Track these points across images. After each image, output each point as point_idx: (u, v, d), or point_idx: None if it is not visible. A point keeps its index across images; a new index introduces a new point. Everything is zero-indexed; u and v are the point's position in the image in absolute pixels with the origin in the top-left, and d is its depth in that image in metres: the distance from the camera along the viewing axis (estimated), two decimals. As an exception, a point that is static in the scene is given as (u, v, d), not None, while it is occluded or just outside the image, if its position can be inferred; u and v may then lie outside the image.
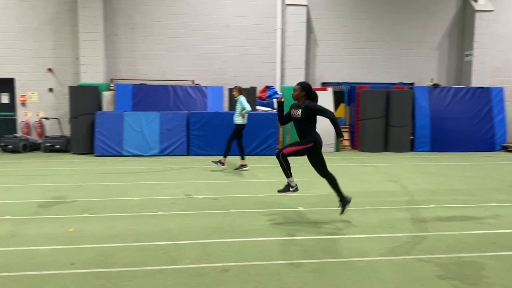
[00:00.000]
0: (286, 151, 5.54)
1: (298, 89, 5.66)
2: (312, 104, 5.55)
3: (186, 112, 12.33)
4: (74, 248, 4.71)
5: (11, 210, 6.27)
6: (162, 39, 13.68)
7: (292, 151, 5.56)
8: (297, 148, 5.57)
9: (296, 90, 5.68)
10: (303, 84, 5.70)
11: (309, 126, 5.60)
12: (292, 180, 5.71)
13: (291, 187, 5.72)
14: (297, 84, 5.75)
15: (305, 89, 5.65)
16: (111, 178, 8.77)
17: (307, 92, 5.64)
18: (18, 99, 13.45)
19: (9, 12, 13.07)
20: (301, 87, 5.66)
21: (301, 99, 5.67)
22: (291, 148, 5.57)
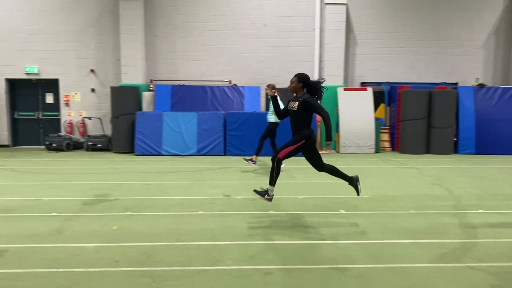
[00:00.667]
0: (281, 154, 5.38)
1: (295, 80, 5.46)
2: (311, 99, 5.33)
3: (223, 112, 12.38)
4: (118, 246, 4.77)
5: (57, 207, 6.45)
6: (200, 40, 13.79)
7: (287, 152, 5.38)
8: (291, 149, 5.37)
9: (293, 82, 5.49)
10: (300, 76, 5.48)
11: (304, 121, 5.38)
12: (273, 189, 5.52)
13: (268, 195, 5.52)
14: (294, 76, 5.54)
15: (302, 80, 5.44)
16: (151, 177, 8.89)
17: (304, 83, 5.44)
18: (62, 99, 13.90)
19: (54, 15, 13.54)
20: (298, 78, 5.45)
21: (299, 91, 5.48)
22: (285, 150, 5.38)
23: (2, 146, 13.80)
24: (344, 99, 13.11)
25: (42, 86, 14.07)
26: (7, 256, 4.48)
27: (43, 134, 14.00)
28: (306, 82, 5.44)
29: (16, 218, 5.85)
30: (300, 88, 5.46)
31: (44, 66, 13.66)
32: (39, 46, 13.55)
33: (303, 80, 5.44)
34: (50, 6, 13.51)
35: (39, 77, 13.80)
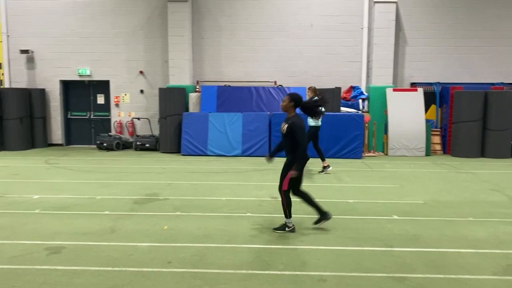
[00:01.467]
0: (285, 187, 5.26)
1: (287, 99, 5.31)
2: (297, 122, 5.12)
3: (269, 113, 12.32)
4: (169, 246, 4.81)
5: (109, 205, 6.61)
6: (246, 40, 13.81)
7: (288, 182, 5.25)
8: (288, 178, 5.22)
9: (285, 101, 5.34)
10: (292, 95, 5.35)
11: (294, 144, 5.17)
12: (291, 221, 5.34)
13: (288, 227, 5.35)
14: (286, 94, 5.43)
15: (293, 99, 5.27)
16: (198, 177, 8.96)
17: (296, 103, 5.27)
18: (112, 100, 14.33)
19: (105, 18, 13.99)
20: (289, 97, 5.31)
21: (290, 111, 5.29)
22: (286, 180, 5.26)
23: (56, 145, 14.40)
24: (393, 100, 12.71)
25: (94, 87, 14.57)
26: (64, 253, 4.61)
27: (94, 134, 14.49)
28: (297, 102, 5.29)
29: (72, 216, 6.04)
30: (291, 108, 5.29)
31: (96, 68, 14.14)
32: (91, 48, 14.05)
33: (294, 99, 5.29)
34: (101, 10, 13.96)
35: (91, 79, 14.30)
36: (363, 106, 13.15)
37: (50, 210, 6.30)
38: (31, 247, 4.75)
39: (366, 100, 13.21)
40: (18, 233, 5.24)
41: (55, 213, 6.15)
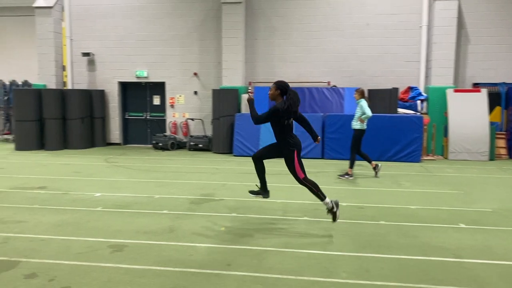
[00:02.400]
0: (301, 175, 5.34)
1: (273, 88, 5.32)
2: (275, 107, 5.14)
3: (322, 114, 12.11)
4: (228, 248, 4.78)
5: (167, 204, 6.72)
6: (299, 41, 13.68)
7: (299, 170, 5.36)
8: (296, 166, 5.37)
9: (271, 89, 5.35)
10: (278, 83, 5.35)
11: (276, 130, 5.30)
12: (328, 201, 5.26)
13: (331, 208, 5.25)
14: (273, 83, 5.39)
15: (280, 87, 5.29)
16: (252, 179, 8.87)
17: (282, 90, 5.27)
18: (167, 101, 14.68)
19: (161, 21, 14.35)
20: (275, 85, 5.32)
21: (277, 98, 5.31)
22: (297, 170, 5.36)
23: (114, 144, 14.96)
24: (454, 101, 12.09)
25: (150, 89, 15.00)
26: (126, 251, 4.71)
27: (150, 134, 14.92)
28: (284, 89, 5.28)
29: (132, 214, 6.19)
30: (278, 96, 5.31)
31: (152, 70, 14.54)
32: (148, 51, 14.46)
33: (280, 87, 5.29)
34: (158, 13, 14.34)
35: (148, 80, 14.72)
36: (421, 108, 12.61)
37: (111, 208, 6.49)
38: (95, 244, 4.89)
39: (425, 101, 12.66)
40: (82, 230, 5.42)
41: (116, 211, 6.33)
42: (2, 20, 17.64)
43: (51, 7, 14.23)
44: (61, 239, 5.07)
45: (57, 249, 4.74)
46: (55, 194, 7.34)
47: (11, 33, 17.62)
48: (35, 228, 5.47)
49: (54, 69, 14.45)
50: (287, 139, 5.35)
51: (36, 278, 3.98)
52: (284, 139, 5.37)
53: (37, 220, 5.82)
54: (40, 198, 7.05)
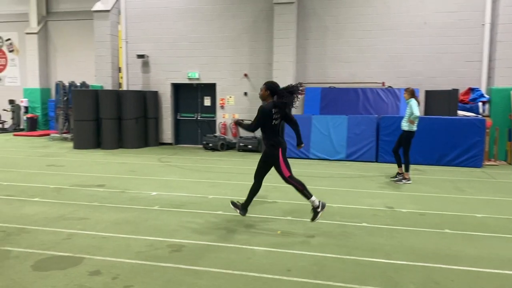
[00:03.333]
0: (286, 174, 5.44)
1: (263, 88, 5.40)
2: (261, 106, 5.27)
3: (376, 116, 11.74)
4: (286, 253, 4.68)
5: (222, 205, 6.71)
6: (352, 41, 13.36)
7: (284, 169, 5.46)
8: (282, 166, 5.46)
9: (261, 90, 5.42)
10: (267, 83, 5.42)
11: (267, 129, 5.36)
12: (314, 199, 5.34)
13: (317, 207, 5.30)
14: (264, 84, 5.47)
15: (269, 88, 5.35)
16: (304, 181, 8.76)
17: (272, 91, 5.32)
18: (218, 102, 14.80)
19: (213, 23, 14.49)
20: (265, 86, 5.40)
21: (267, 99, 5.35)
22: (282, 168, 5.46)
23: (166, 144, 15.27)
24: (520, 103, 11.35)
25: (201, 90, 15.19)
26: (184, 251, 4.71)
27: (201, 134, 15.11)
28: (273, 90, 5.33)
29: (188, 214, 6.22)
30: (268, 96, 5.36)
31: (204, 72, 14.71)
32: (200, 52, 14.65)
33: (270, 88, 5.34)
34: (210, 15, 14.49)
35: (199, 82, 14.92)
36: (483, 110, 11.93)
37: (167, 207, 6.56)
38: (154, 243, 4.94)
39: (487, 103, 11.96)
40: (141, 229, 5.50)
41: (172, 211, 6.39)
42: (63, 24, 18.55)
43: (109, 10, 14.75)
44: (121, 237, 5.17)
45: (118, 247, 4.83)
46: (113, 192, 7.54)
47: (70, 36, 18.49)
48: (96, 225, 5.61)
49: (110, 71, 14.97)
50: (273, 138, 5.40)
51: (100, 276, 4.05)
52: (270, 139, 5.43)
53: (98, 218, 5.98)
54: (99, 196, 7.26)
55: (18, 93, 19.00)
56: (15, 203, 6.68)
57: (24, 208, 6.41)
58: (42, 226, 5.54)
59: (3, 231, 5.32)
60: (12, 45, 19.47)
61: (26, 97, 18.63)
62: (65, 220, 5.82)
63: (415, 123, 8.53)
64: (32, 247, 4.77)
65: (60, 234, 5.23)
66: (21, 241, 4.98)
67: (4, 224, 5.61)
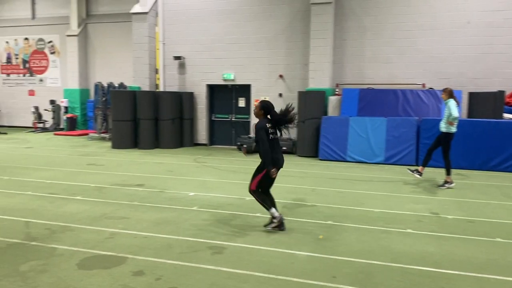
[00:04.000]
0: (252, 187, 5.54)
1: (257, 107, 5.51)
2: (258, 127, 5.33)
3: (417, 118, 11.39)
4: (330, 259, 4.55)
5: (260, 207, 6.49)
6: (391, 41, 13.02)
7: (256, 184, 5.52)
8: (257, 179, 5.51)
9: (256, 108, 5.54)
10: (261, 102, 5.53)
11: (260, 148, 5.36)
12: (274, 211, 5.45)
13: (274, 218, 5.44)
14: (258, 102, 5.63)
15: (263, 107, 5.44)
16: (342, 185, 8.61)
17: (265, 110, 5.42)
18: (252, 103, 14.74)
19: (250, 24, 14.46)
20: (260, 105, 5.50)
21: (260, 117, 5.48)
22: (254, 181, 5.54)
23: (200, 145, 15.36)
24: None
25: (236, 91, 15.19)
26: (226, 254, 4.66)
27: (235, 135, 15.11)
28: (266, 110, 5.43)
29: (226, 216, 6.18)
30: (261, 115, 5.47)
31: (239, 73, 14.71)
32: (235, 54, 14.65)
33: (264, 108, 5.44)
34: (247, 16, 14.47)
35: (234, 83, 14.92)
36: (531, 113, 11.37)
37: (206, 208, 6.55)
38: (195, 245, 4.91)
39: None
40: (181, 229, 5.50)
41: (211, 212, 6.37)
42: (102, 27, 19.00)
43: (147, 13, 14.98)
44: (162, 237, 5.18)
45: (160, 247, 4.83)
46: (152, 192, 7.60)
47: (109, 38, 18.91)
48: (137, 225, 5.65)
49: (147, 72, 15.19)
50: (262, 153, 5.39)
51: (144, 276, 4.05)
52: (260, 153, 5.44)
53: (138, 217, 6.03)
54: (139, 195, 7.33)
55: (59, 93, 19.60)
56: (58, 201, 6.84)
57: (67, 206, 6.54)
58: (85, 224, 5.63)
59: (47, 229, 5.43)
60: (53, 47, 20.11)
61: (66, 97, 19.19)
62: (107, 219, 5.90)
63: (454, 124, 8.22)
64: (76, 245, 4.84)
65: (103, 233, 5.29)
66: (65, 239, 5.07)
67: (49, 221, 5.73)
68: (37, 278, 3.96)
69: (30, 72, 20.60)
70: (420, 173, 8.81)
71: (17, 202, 6.72)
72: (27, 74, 20.67)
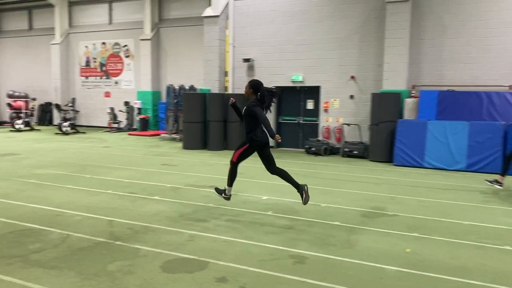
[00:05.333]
0: (234, 158, 5.97)
1: (247, 86, 5.86)
2: (252, 104, 5.68)
3: (503, 123, 10.51)
4: (421, 275, 4.21)
5: (337, 215, 6.38)
6: (474, 40, 12.15)
7: (238, 155, 5.96)
8: (239, 151, 5.96)
9: (246, 88, 5.89)
10: (251, 82, 5.88)
11: (249, 125, 5.81)
12: (230, 189, 6.15)
13: (225, 194, 6.18)
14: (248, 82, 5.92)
15: (252, 86, 5.80)
16: (423, 193, 8.10)
17: (254, 89, 5.78)
18: (321, 105, 14.45)
19: (321, 25, 14.17)
20: (249, 84, 5.85)
21: (250, 96, 5.82)
22: (236, 153, 5.98)
23: (268, 147, 15.26)
24: None
25: (304, 93, 14.96)
26: (308, 264, 4.47)
27: (302, 138, 14.88)
28: (256, 88, 5.78)
29: (304, 222, 5.99)
30: (251, 94, 5.82)
31: (308, 74, 14.47)
32: (305, 55, 14.43)
33: (253, 86, 5.80)
34: (318, 17, 14.20)
35: (303, 85, 14.70)
36: None
37: (281, 214, 6.41)
38: (276, 252, 4.77)
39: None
40: (259, 235, 5.37)
41: (287, 217, 6.21)
42: (173, 31, 19.61)
43: (218, 16, 15.19)
44: (241, 242, 5.10)
45: (240, 252, 4.75)
46: (226, 195, 7.58)
47: (179, 42, 19.48)
48: (215, 228, 5.63)
49: (217, 75, 15.39)
50: (254, 131, 5.79)
51: (227, 283, 3.97)
52: (252, 131, 5.82)
53: (215, 220, 6.01)
54: (213, 197, 7.31)
55: (132, 95, 20.50)
56: (138, 201, 7.02)
57: (146, 206, 6.69)
58: (165, 225, 5.70)
59: (130, 228, 5.56)
60: (128, 51, 21.07)
61: (139, 99, 20.02)
62: (185, 221, 5.94)
63: None
64: (158, 246, 4.88)
65: (183, 235, 5.32)
66: (147, 239, 5.14)
67: (131, 221, 5.87)
68: (125, 279, 4.01)
69: (106, 75, 21.75)
70: (500, 183, 8.13)
71: (99, 201, 6.99)
72: (103, 77, 21.85)
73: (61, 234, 5.28)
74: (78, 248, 4.79)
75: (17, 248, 4.77)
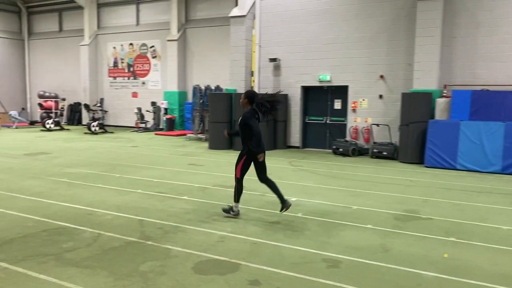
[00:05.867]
0: (237, 174, 5.94)
1: (243, 97, 5.94)
2: (247, 116, 5.78)
3: (541, 124, 10.10)
4: (462, 282, 4.04)
5: (369, 217, 6.23)
6: (509, 38, 11.70)
7: (240, 170, 5.94)
8: (240, 165, 5.94)
9: (242, 98, 5.95)
10: (246, 92, 6.01)
11: (244, 135, 5.83)
12: (237, 205, 6.02)
13: (232, 211, 6.03)
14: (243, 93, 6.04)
15: (247, 97, 5.89)
16: (457, 196, 7.83)
17: (250, 100, 5.86)
18: (349, 105, 14.22)
19: (349, 23, 13.94)
20: (244, 95, 5.95)
21: (246, 106, 5.91)
22: (238, 168, 5.95)
23: (293, 147, 15.16)
24: None
25: (332, 93, 14.76)
26: (342, 268, 4.36)
27: (329, 138, 14.68)
28: (251, 99, 5.87)
29: (334, 225, 5.86)
30: (246, 104, 5.91)
31: (336, 74, 14.26)
32: (332, 54, 14.23)
33: (248, 97, 5.90)
34: (345, 16, 13.98)
35: (330, 84, 14.50)
36: None
37: (311, 215, 6.30)
38: (309, 256, 4.67)
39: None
40: (290, 237, 5.29)
41: (317, 220, 6.10)
42: (200, 31, 19.71)
43: (245, 16, 15.15)
44: (271, 244, 5.02)
45: (271, 255, 4.67)
46: (253, 195, 7.52)
47: (205, 42, 19.56)
48: (244, 229, 5.57)
49: (243, 75, 15.34)
50: (250, 141, 5.75)
51: (260, 286, 3.89)
52: (247, 141, 5.80)
53: (244, 221, 5.96)
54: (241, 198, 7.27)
55: (159, 95, 20.70)
56: (167, 201, 7.03)
57: (176, 206, 6.69)
58: (195, 226, 5.68)
59: (160, 228, 5.55)
60: (155, 52, 21.29)
61: (166, 99, 20.20)
62: (215, 221, 5.90)
63: None
64: (189, 247, 4.85)
65: (213, 236, 5.27)
66: (178, 240, 5.12)
67: (161, 221, 5.87)
68: (157, 280, 3.99)
69: (133, 75, 22.04)
70: None
71: (130, 200, 7.03)
72: (131, 77, 22.15)
73: (92, 233, 5.32)
74: (110, 248, 4.80)
75: (51, 247, 4.82)
